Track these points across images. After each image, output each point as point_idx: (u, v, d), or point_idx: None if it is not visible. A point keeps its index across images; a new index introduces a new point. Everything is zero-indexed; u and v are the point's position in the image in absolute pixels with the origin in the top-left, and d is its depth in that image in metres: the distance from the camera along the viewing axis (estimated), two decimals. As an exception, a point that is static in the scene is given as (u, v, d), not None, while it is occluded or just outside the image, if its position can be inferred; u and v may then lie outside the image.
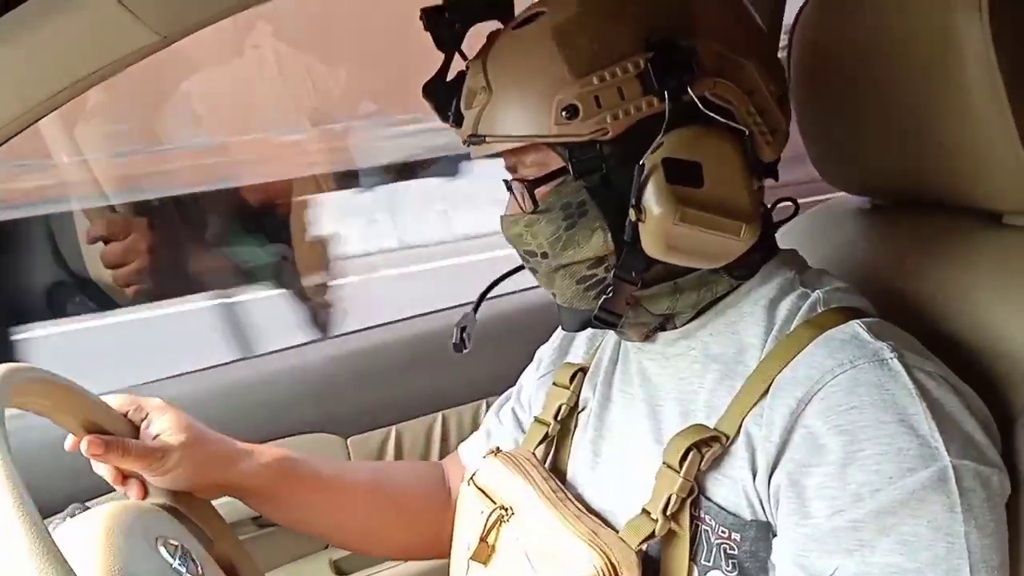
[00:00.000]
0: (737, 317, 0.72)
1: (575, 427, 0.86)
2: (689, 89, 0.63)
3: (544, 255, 0.71)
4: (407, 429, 1.31)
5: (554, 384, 0.88)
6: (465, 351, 0.85)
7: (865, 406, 0.60)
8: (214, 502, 0.87)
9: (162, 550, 0.70)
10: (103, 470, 0.82)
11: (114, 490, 0.83)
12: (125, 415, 0.82)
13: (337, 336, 1.42)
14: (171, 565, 0.69)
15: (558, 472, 0.85)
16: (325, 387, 1.30)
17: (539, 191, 0.69)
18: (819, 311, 0.68)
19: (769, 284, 0.72)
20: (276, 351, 1.36)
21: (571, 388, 0.86)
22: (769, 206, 0.75)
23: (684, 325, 0.74)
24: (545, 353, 0.96)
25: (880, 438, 0.59)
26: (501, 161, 0.73)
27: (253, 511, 1.17)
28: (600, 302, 0.69)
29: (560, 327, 0.85)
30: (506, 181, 0.76)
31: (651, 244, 0.65)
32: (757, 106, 0.67)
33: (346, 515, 0.93)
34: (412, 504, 0.96)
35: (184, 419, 0.83)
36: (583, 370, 0.87)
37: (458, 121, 0.71)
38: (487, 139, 0.68)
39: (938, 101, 0.74)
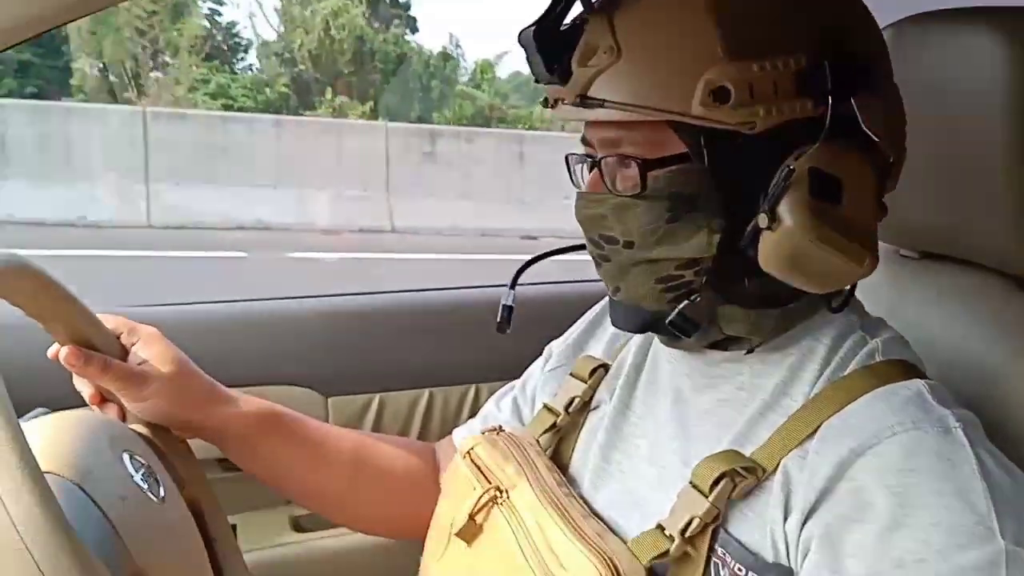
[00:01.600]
0: (795, 351, 0.67)
1: (583, 424, 0.82)
2: (853, 101, 0.59)
3: (629, 245, 0.65)
4: (391, 399, 1.29)
5: (571, 375, 0.84)
6: (507, 331, 0.82)
7: (923, 471, 0.56)
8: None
9: (127, 460, 0.68)
10: (83, 387, 0.80)
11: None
12: (118, 337, 0.79)
13: (337, 295, 1.39)
14: (132, 477, 0.66)
15: (559, 465, 0.81)
16: (316, 343, 1.28)
17: (650, 174, 0.63)
18: (877, 360, 0.64)
19: (832, 324, 0.68)
20: (274, 298, 1.35)
21: (589, 383, 0.82)
22: None
23: (738, 350, 0.69)
24: (557, 348, 0.93)
25: (935, 508, 0.54)
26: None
27: (219, 452, 1.18)
28: (678, 307, 0.64)
29: (608, 322, 0.79)
30: (579, 155, 0.70)
31: (771, 256, 0.60)
32: (898, 134, 0.64)
33: (325, 481, 0.90)
34: (395, 482, 0.93)
35: (175, 352, 0.80)
36: (604, 366, 0.83)
37: (563, 77, 0.63)
38: (606, 104, 0.61)
39: (994, 156, 0.73)
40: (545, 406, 0.85)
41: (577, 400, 0.82)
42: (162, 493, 0.69)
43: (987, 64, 0.72)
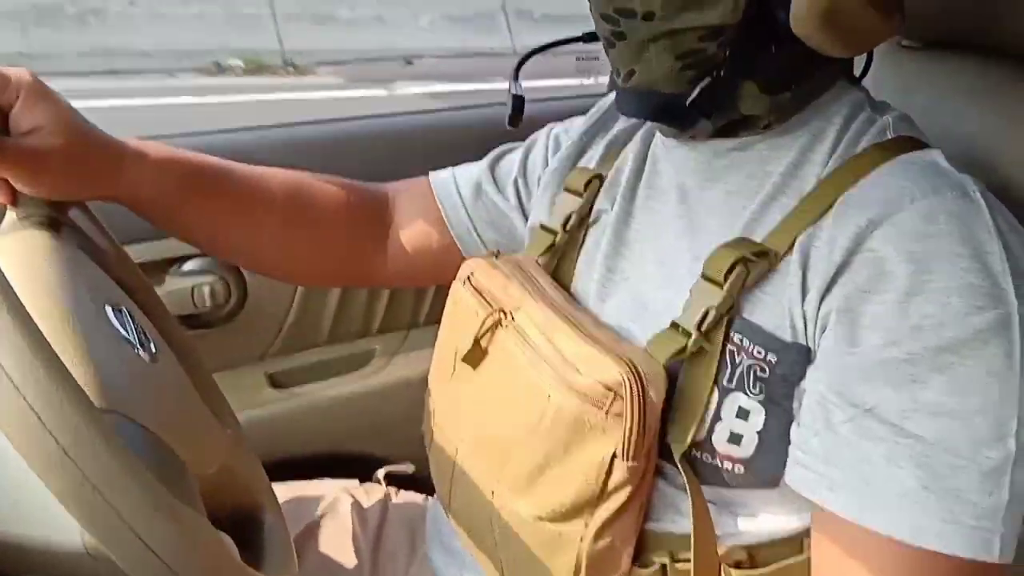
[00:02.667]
0: (805, 133, 0.64)
1: (583, 240, 0.77)
2: None
3: (648, 16, 0.59)
4: None
5: (565, 190, 0.78)
6: (520, 124, 0.75)
7: (942, 235, 0.54)
8: None
9: (110, 313, 0.59)
10: None
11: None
12: None
13: (328, 121, 1.26)
14: (119, 332, 0.58)
15: (562, 285, 0.77)
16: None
17: None
18: (889, 136, 0.62)
19: (840, 102, 0.65)
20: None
21: (584, 196, 0.76)
22: None
23: (747, 135, 0.65)
24: (564, 138, 0.86)
25: (953, 271, 0.53)
26: None
27: (183, 308, 1.09)
28: (700, 85, 0.60)
29: (617, 111, 0.74)
30: None
31: (806, 9, 0.56)
32: None
33: (255, 231, 0.83)
34: (335, 224, 0.87)
35: (65, 111, 0.68)
36: (599, 177, 0.77)
37: None
38: None
39: None
40: (541, 226, 0.79)
41: (574, 216, 0.77)
42: (153, 349, 0.62)
43: None
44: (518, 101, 0.74)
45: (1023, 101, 0.73)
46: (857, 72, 0.69)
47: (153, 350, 0.62)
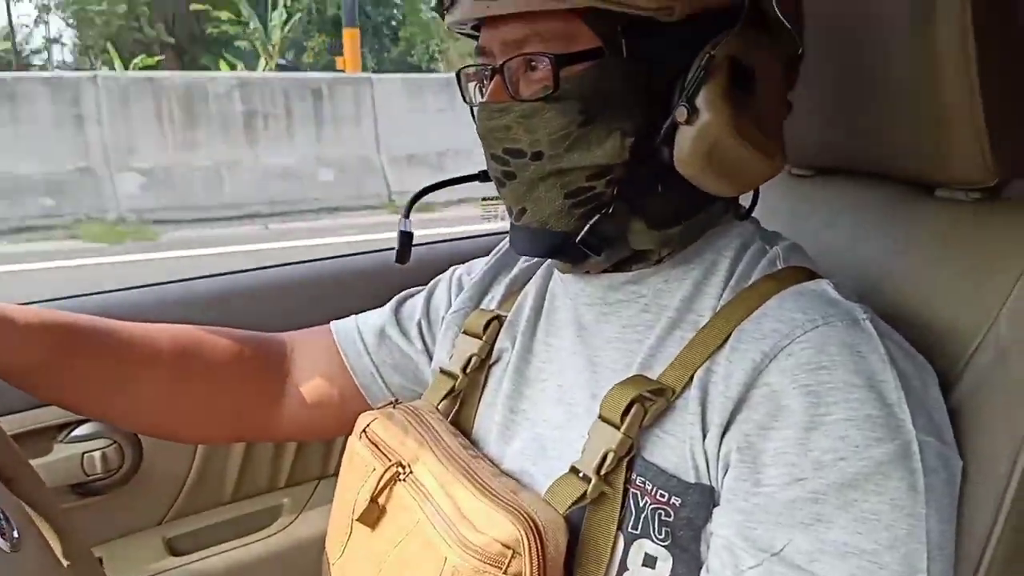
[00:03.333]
0: (698, 265, 0.65)
1: (485, 382, 0.76)
2: None
3: (537, 156, 0.60)
4: None
5: (464, 332, 0.78)
6: (406, 263, 0.75)
7: (836, 366, 0.54)
8: None
9: None
10: None
11: None
12: None
13: (220, 275, 1.24)
14: None
15: (463, 429, 0.75)
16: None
17: (562, 72, 0.58)
18: (779, 267, 0.63)
19: (730, 235, 0.66)
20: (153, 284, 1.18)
21: (484, 338, 0.76)
22: None
23: (641, 268, 0.66)
24: (466, 280, 0.85)
25: (849, 402, 0.53)
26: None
27: (72, 477, 1.03)
28: (588, 222, 0.60)
29: (511, 251, 0.76)
30: (474, 68, 0.65)
31: (688, 153, 0.57)
32: (800, 24, 0.63)
33: (139, 391, 0.79)
34: (225, 379, 0.83)
35: None
36: (499, 319, 0.77)
37: None
38: None
39: (899, 59, 0.70)
40: (441, 370, 0.78)
41: (474, 358, 0.75)
42: (16, 535, 0.56)
43: None
44: (406, 238, 0.74)
45: (907, 222, 0.76)
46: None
47: (16, 536, 0.57)
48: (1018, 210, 0.70)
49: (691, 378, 0.59)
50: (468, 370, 0.75)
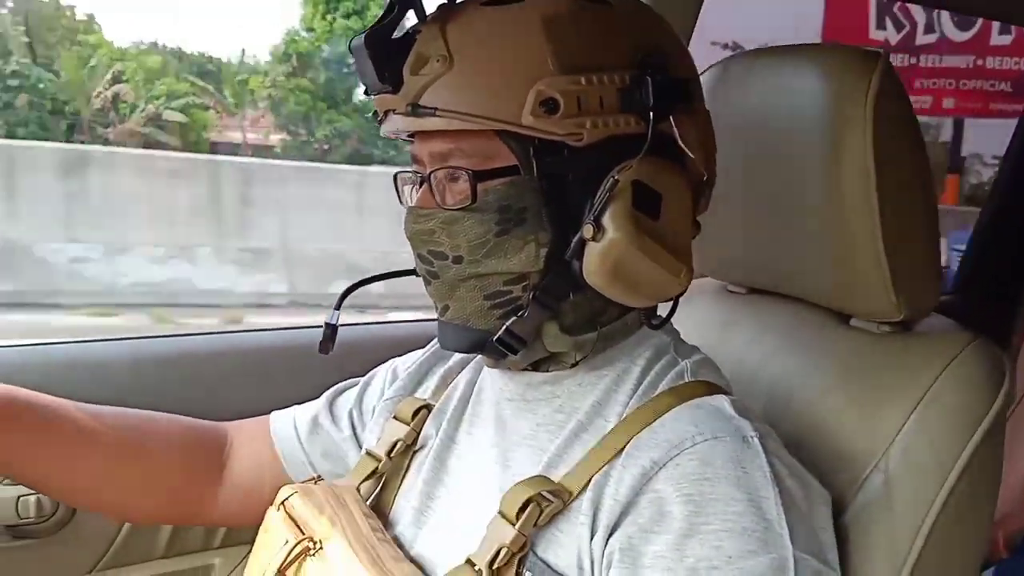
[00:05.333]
0: (611, 372, 0.68)
1: (408, 467, 0.79)
2: (671, 119, 0.62)
3: (458, 260, 0.65)
4: None
5: (394, 418, 0.80)
6: (330, 352, 0.78)
7: (719, 479, 0.57)
8: None
9: None
10: None
11: None
12: None
13: (152, 336, 1.27)
14: None
15: (380, 513, 0.77)
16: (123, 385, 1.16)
17: (480, 186, 0.63)
18: (685, 380, 0.67)
19: (645, 344, 0.70)
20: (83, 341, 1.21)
21: (412, 424, 0.79)
22: None
23: (557, 370, 0.69)
24: (401, 370, 0.88)
25: (727, 514, 0.56)
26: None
27: (6, 519, 1.04)
28: (506, 323, 0.64)
29: (438, 345, 0.77)
30: (408, 173, 0.69)
31: (596, 267, 0.62)
32: (709, 155, 0.68)
33: (76, 468, 0.82)
34: (161, 465, 0.86)
35: None
36: (427, 407, 0.80)
37: (395, 85, 0.63)
38: (438, 112, 0.61)
39: (811, 194, 0.75)
40: (367, 452, 0.81)
41: (400, 443, 0.79)
42: None
43: (806, 98, 0.74)
44: (330, 330, 0.78)
45: (818, 346, 0.80)
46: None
47: None
48: (919, 345, 0.74)
49: (589, 481, 0.62)
50: (392, 454, 0.78)
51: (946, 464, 0.66)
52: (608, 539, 0.59)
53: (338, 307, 0.79)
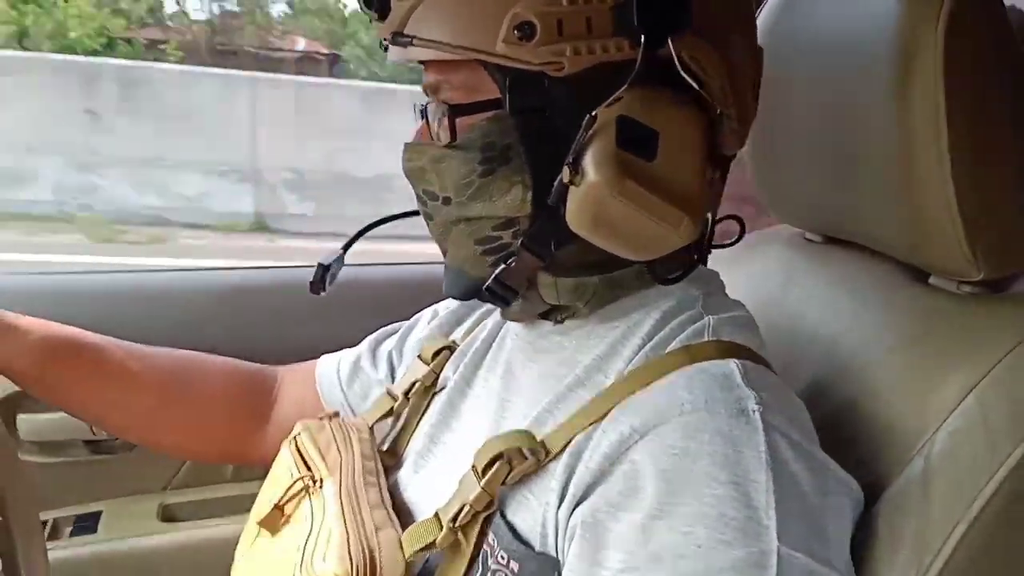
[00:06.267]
0: (622, 324, 0.61)
1: (426, 409, 0.76)
2: (670, 42, 0.52)
3: (447, 200, 0.59)
4: None
5: (419, 357, 0.78)
6: (323, 293, 0.75)
7: (701, 455, 0.49)
8: None
9: None
10: None
11: None
12: None
13: (221, 268, 1.31)
14: None
15: (395, 453, 0.75)
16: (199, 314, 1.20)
17: (461, 121, 0.57)
18: (703, 339, 0.58)
19: (669, 298, 0.61)
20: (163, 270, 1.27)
21: (432, 365, 0.76)
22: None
23: (569, 320, 0.63)
24: (442, 309, 0.86)
25: (705, 497, 0.48)
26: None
27: (85, 433, 1.10)
28: (496, 272, 0.59)
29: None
30: (420, 105, 0.64)
31: (576, 214, 0.53)
32: (734, 87, 0.56)
33: (128, 408, 0.84)
34: (210, 406, 0.87)
35: None
36: (450, 348, 0.77)
37: (382, 12, 0.58)
38: (415, 41, 0.55)
39: (876, 129, 0.64)
40: (387, 391, 0.78)
41: (418, 384, 0.75)
42: None
43: (876, 21, 0.63)
44: (322, 270, 0.74)
45: (888, 305, 0.70)
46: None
47: None
48: (1004, 311, 0.63)
49: (570, 441, 0.55)
50: (411, 394, 0.75)
51: (999, 455, 0.54)
52: (574, 509, 0.53)
53: (345, 249, 0.76)
